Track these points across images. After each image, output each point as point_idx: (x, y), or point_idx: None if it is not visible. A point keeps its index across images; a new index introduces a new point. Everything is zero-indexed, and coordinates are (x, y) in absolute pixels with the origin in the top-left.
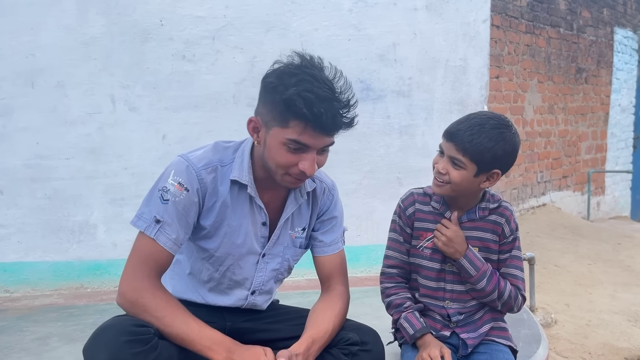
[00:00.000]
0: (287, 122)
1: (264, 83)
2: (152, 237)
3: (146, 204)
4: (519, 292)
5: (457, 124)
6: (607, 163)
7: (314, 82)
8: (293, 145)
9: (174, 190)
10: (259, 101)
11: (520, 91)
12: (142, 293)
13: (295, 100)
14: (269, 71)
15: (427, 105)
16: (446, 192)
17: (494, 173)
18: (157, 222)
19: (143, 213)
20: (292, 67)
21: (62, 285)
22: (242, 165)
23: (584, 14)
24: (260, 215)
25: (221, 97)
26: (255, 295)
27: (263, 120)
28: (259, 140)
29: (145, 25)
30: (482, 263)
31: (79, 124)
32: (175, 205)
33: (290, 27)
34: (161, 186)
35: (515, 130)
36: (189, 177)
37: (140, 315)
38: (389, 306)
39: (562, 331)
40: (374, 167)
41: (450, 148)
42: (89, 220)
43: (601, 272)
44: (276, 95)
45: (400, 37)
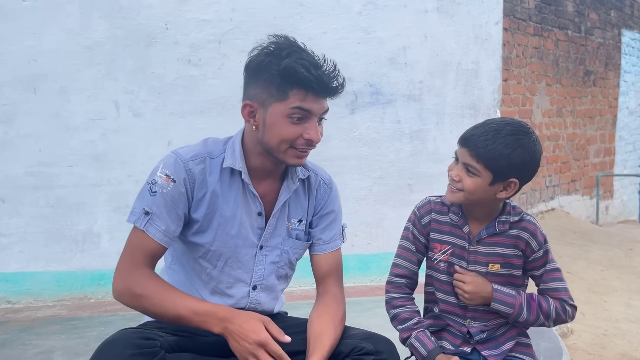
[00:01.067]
0: (286, 93)
1: (252, 65)
2: (142, 228)
3: (137, 199)
4: (565, 303)
5: (473, 129)
6: (616, 166)
7: (302, 52)
8: (297, 115)
9: (161, 182)
10: (247, 87)
11: (529, 94)
12: (131, 280)
13: (294, 67)
14: (252, 56)
15: (439, 110)
16: (459, 200)
17: (511, 182)
18: (146, 214)
19: (134, 208)
20: (277, 44)
21: (66, 295)
22: (234, 154)
23: (592, 16)
24: (255, 205)
25: (227, 102)
26: (257, 290)
27: (258, 101)
28: (256, 124)
29: (149, 29)
30: (513, 297)
31: (82, 130)
32: (163, 197)
33: (298, 30)
34: (150, 179)
35: (535, 138)
36: (176, 168)
37: (133, 303)
38: (394, 318)
39: (579, 341)
40: (384, 173)
41: (464, 154)
42: (93, 229)
43: (614, 279)
44: (271, 70)
45: (411, 39)
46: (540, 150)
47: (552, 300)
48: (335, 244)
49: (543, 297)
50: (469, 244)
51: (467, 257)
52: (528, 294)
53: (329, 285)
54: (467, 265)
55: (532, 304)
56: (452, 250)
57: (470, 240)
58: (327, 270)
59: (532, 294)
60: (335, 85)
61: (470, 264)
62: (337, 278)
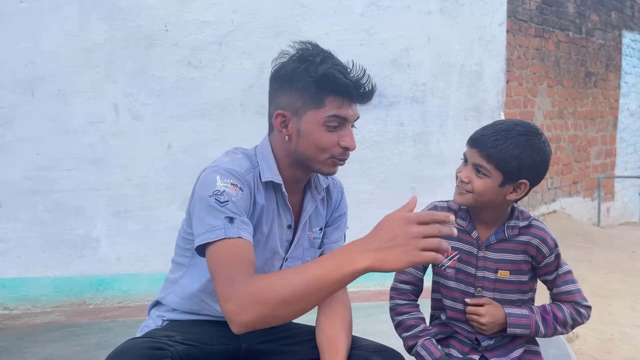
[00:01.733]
0: (322, 101)
1: (283, 73)
2: (237, 236)
3: (205, 216)
4: (579, 306)
5: (482, 130)
6: (617, 168)
7: (334, 58)
8: (333, 122)
9: (229, 191)
10: (277, 95)
11: (530, 96)
12: (249, 294)
13: (332, 73)
14: (281, 64)
15: (442, 112)
16: (468, 201)
17: (522, 184)
18: (231, 221)
19: (211, 224)
20: (307, 50)
21: (64, 302)
22: (270, 166)
23: (593, 17)
24: (286, 218)
25: (229, 105)
26: None
27: (291, 110)
28: (289, 134)
29: (149, 30)
30: (527, 317)
31: (81, 133)
32: (237, 205)
33: (300, 31)
34: (210, 192)
35: (545, 139)
36: (237, 179)
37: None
38: (399, 325)
39: (584, 346)
40: (387, 177)
41: (474, 154)
42: (92, 234)
43: (618, 282)
44: (306, 77)
45: (414, 41)
46: (549, 151)
47: (566, 307)
48: (340, 244)
49: (556, 306)
50: (477, 250)
51: (475, 263)
52: (541, 308)
53: None
54: (476, 271)
55: (547, 318)
56: (460, 256)
57: (479, 246)
58: None
59: (545, 307)
60: (370, 91)
61: (479, 270)
62: None
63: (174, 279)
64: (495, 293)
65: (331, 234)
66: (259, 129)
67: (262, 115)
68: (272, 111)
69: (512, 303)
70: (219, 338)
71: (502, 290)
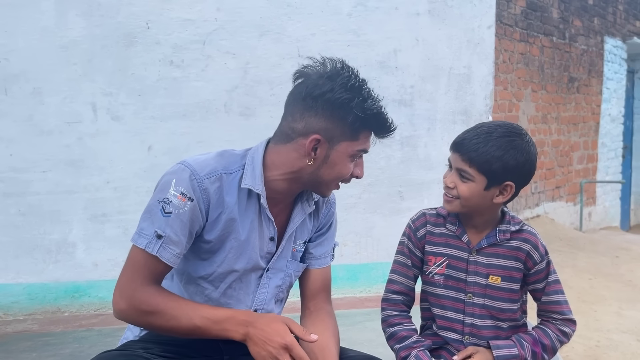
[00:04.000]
0: (358, 134)
1: (330, 97)
2: (154, 254)
3: (146, 218)
4: (565, 321)
5: (464, 134)
6: (598, 173)
7: (373, 93)
8: (359, 155)
9: (176, 202)
10: (313, 116)
11: (515, 100)
12: (137, 298)
13: (381, 114)
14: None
15: (430, 115)
16: (456, 208)
17: (507, 186)
18: (159, 238)
19: (143, 229)
20: (351, 78)
21: (37, 309)
22: (255, 173)
23: (576, 23)
24: (269, 229)
25: (212, 106)
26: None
27: (327, 137)
28: (315, 158)
29: (130, 28)
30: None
31: (57, 134)
32: (180, 218)
33: (286, 31)
34: (162, 197)
35: (529, 139)
36: (192, 186)
37: (140, 320)
38: (391, 337)
39: (572, 353)
40: (374, 180)
41: (457, 159)
42: (68, 238)
43: (603, 288)
44: (357, 113)
45: (402, 43)
46: (534, 151)
47: (551, 329)
48: (326, 261)
49: (542, 331)
50: (468, 254)
51: (466, 268)
52: (530, 340)
53: (322, 302)
54: (466, 276)
55: (537, 348)
56: (448, 262)
57: (470, 250)
58: (318, 288)
59: (534, 337)
60: (394, 128)
61: (470, 275)
62: (327, 295)
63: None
64: (485, 299)
65: (315, 250)
66: (243, 130)
67: (247, 117)
68: (299, 128)
69: (502, 312)
70: (200, 350)
71: (492, 297)
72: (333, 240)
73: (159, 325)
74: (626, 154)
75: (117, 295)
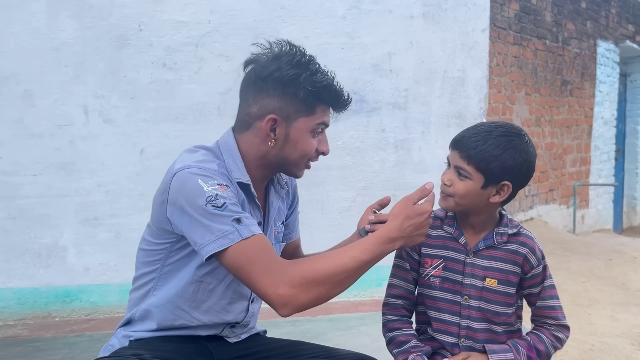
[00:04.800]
0: (313, 108)
1: (278, 76)
2: (250, 234)
3: (209, 227)
4: (559, 326)
5: (464, 132)
6: (591, 176)
7: (322, 68)
8: (319, 129)
9: (221, 193)
10: (266, 97)
11: (509, 103)
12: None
13: (330, 85)
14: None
15: (424, 119)
16: (450, 206)
17: (504, 185)
18: (238, 222)
19: (220, 231)
20: (298, 55)
21: (28, 314)
22: (237, 165)
23: (569, 26)
24: (256, 215)
25: (205, 109)
26: (253, 303)
27: (283, 115)
28: (275, 138)
29: (122, 30)
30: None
31: (47, 136)
32: (233, 202)
33: (280, 34)
34: (202, 202)
35: (528, 140)
36: (219, 177)
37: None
38: (390, 342)
39: (566, 357)
40: (368, 184)
41: (455, 157)
42: (58, 243)
43: (597, 291)
44: (305, 86)
45: (396, 46)
46: (533, 152)
47: (546, 335)
48: (297, 231)
49: (537, 337)
50: (465, 256)
51: (462, 270)
52: (523, 343)
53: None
54: (463, 279)
55: (531, 356)
56: (445, 264)
57: (467, 252)
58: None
59: (529, 343)
60: (349, 101)
61: (467, 277)
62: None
63: (143, 294)
64: (481, 302)
65: (290, 225)
66: None
67: None
68: (254, 112)
69: (497, 316)
70: (190, 355)
71: (488, 299)
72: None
73: (330, 287)
74: (619, 156)
75: (272, 290)
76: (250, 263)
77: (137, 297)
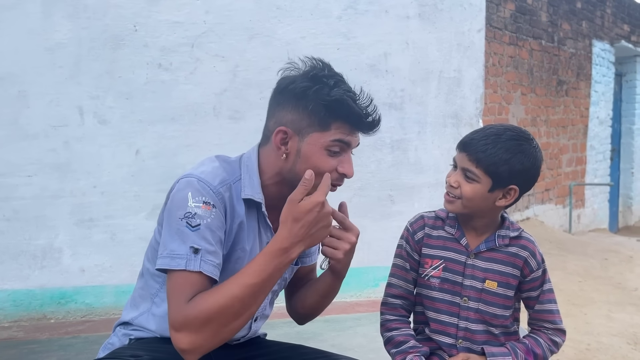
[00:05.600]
0: (328, 124)
1: (292, 89)
2: (197, 270)
3: (172, 240)
4: (556, 330)
5: (472, 134)
6: (587, 175)
7: (346, 84)
8: (335, 147)
9: (201, 212)
10: (280, 110)
11: (505, 103)
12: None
13: (345, 100)
14: (291, 78)
15: (420, 119)
16: (457, 208)
17: (511, 189)
18: (196, 252)
19: (174, 250)
20: (320, 71)
21: (23, 316)
22: (252, 182)
23: (564, 27)
24: (267, 236)
25: (200, 109)
26: (257, 321)
27: (294, 128)
28: (287, 152)
29: (117, 30)
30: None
31: (42, 137)
32: (209, 227)
33: (276, 34)
34: (182, 214)
35: (536, 145)
36: (210, 194)
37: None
38: (388, 342)
39: (562, 357)
40: (364, 184)
41: (463, 159)
42: (54, 244)
43: (593, 290)
44: (318, 99)
45: (392, 46)
46: (541, 157)
47: (543, 339)
48: (315, 257)
49: (534, 340)
50: (466, 257)
51: (463, 271)
52: (521, 346)
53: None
54: (463, 280)
55: (530, 357)
56: (445, 264)
57: (468, 254)
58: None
59: (526, 345)
60: (377, 121)
61: (467, 279)
62: None
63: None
64: (480, 304)
65: (310, 249)
66: (232, 134)
67: (236, 120)
68: (271, 125)
69: (495, 318)
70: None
71: (487, 302)
72: None
73: (225, 322)
74: (614, 156)
75: (173, 333)
76: (170, 298)
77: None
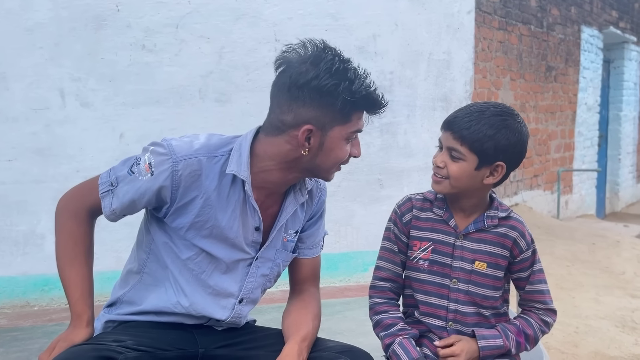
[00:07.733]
0: (350, 116)
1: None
2: (98, 195)
3: (123, 162)
4: (547, 311)
5: (456, 112)
6: (575, 161)
7: (359, 72)
8: (354, 136)
9: (141, 168)
10: (301, 106)
11: (494, 89)
12: (71, 208)
13: (371, 95)
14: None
15: (410, 102)
16: (445, 189)
17: (498, 166)
18: (111, 185)
19: (114, 169)
20: (335, 62)
21: (5, 303)
22: (241, 160)
23: (553, 12)
24: (254, 219)
25: (186, 92)
26: (242, 304)
27: (318, 125)
28: (309, 147)
29: (99, 10)
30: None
31: (22, 121)
32: (134, 183)
33: (262, 15)
34: (138, 156)
35: (521, 120)
36: (161, 162)
37: (58, 225)
38: (377, 325)
39: (551, 340)
40: (353, 168)
41: (448, 138)
42: (36, 230)
43: (581, 274)
44: (346, 97)
45: (381, 28)
46: (526, 132)
47: (534, 319)
48: (317, 250)
49: (525, 321)
50: (455, 239)
51: (452, 253)
52: (512, 327)
53: (309, 286)
54: (452, 261)
55: (520, 341)
56: (434, 246)
57: (457, 235)
58: (306, 275)
59: (517, 326)
60: (385, 104)
61: (456, 260)
62: (315, 281)
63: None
64: (470, 285)
65: (307, 239)
66: (219, 117)
67: (222, 103)
68: (288, 120)
69: (485, 299)
70: (174, 343)
71: (477, 283)
72: (323, 229)
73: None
74: (602, 142)
75: (66, 197)
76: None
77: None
